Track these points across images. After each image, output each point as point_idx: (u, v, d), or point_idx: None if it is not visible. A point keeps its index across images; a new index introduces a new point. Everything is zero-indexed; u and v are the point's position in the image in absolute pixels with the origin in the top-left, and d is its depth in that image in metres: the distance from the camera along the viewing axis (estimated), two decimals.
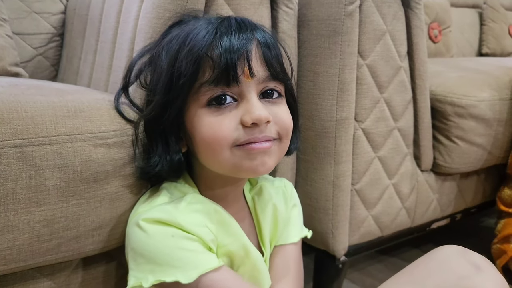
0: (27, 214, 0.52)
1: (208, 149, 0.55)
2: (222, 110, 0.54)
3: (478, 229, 1.41)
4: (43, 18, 1.15)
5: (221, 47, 0.53)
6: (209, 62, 0.54)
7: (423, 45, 0.92)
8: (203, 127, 0.55)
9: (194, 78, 0.54)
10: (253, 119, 0.53)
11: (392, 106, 0.89)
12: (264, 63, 0.56)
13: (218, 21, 0.56)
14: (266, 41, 0.56)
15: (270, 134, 0.56)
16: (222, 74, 0.53)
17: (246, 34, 0.55)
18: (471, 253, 0.60)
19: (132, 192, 0.60)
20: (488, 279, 0.57)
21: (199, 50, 0.53)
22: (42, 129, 0.52)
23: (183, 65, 0.54)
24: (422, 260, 0.62)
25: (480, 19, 2.01)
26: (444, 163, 1.01)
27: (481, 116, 1.00)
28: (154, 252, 0.52)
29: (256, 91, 0.56)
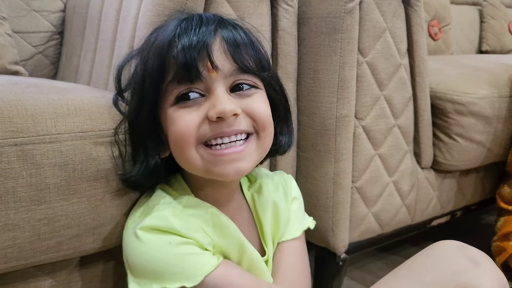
0: (27, 213, 0.52)
1: (176, 147, 0.54)
2: (189, 106, 0.53)
3: (478, 227, 1.41)
4: (42, 16, 1.15)
5: (180, 45, 0.52)
6: (171, 61, 0.53)
7: (423, 42, 0.92)
8: (171, 124, 0.53)
9: (161, 78, 0.53)
10: (218, 112, 0.51)
11: (392, 103, 0.89)
12: (229, 57, 0.54)
13: (183, 17, 0.55)
14: (233, 36, 0.54)
15: (240, 127, 0.53)
16: (184, 71, 0.52)
17: (207, 28, 0.53)
18: (469, 248, 0.60)
19: (132, 191, 0.60)
20: (485, 274, 0.56)
21: (162, 50, 0.53)
22: (42, 127, 0.52)
23: (150, 66, 0.54)
24: (420, 255, 0.62)
25: (480, 16, 2.00)
26: (444, 160, 1.01)
27: (481, 113, 1.00)
28: (155, 262, 0.52)
29: (225, 86, 0.54)
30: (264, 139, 0.56)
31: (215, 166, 0.53)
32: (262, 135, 0.55)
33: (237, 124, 0.53)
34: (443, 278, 0.57)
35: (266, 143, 0.57)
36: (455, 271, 0.57)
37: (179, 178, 0.61)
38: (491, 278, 0.56)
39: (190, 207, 0.56)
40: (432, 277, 0.58)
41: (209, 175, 0.54)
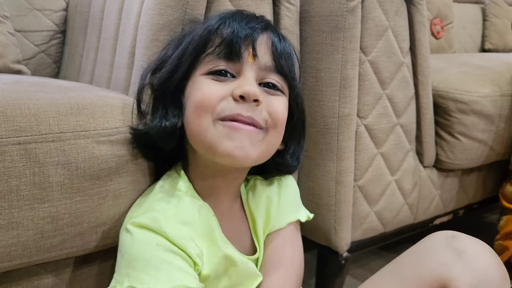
0: (31, 211, 0.52)
1: (194, 112, 0.55)
2: (219, 80, 0.56)
3: (480, 225, 1.41)
4: (44, 15, 1.15)
5: (231, 26, 0.57)
6: (218, 36, 0.57)
7: (426, 41, 0.92)
8: (196, 89, 0.56)
9: (202, 48, 0.57)
10: (242, 91, 0.54)
11: (394, 102, 0.89)
12: (270, 54, 0.58)
13: (235, 10, 0.61)
14: (278, 39, 0.59)
15: (257, 118, 0.55)
16: (227, 47, 0.56)
17: (259, 24, 0.58)
18: (460, 238, 0.57)
19: (135, 189, 0.60)
20: (468, 266, 0.54)
21: (211, 26, 0.57)
22: (45, 126, 0.53)
23: (196, 37, 0.58)
24: (411, 248, 0.61)
25: (482, 14, 2.00)
26: (446, 159, 1.01)
27: (484, 112, 0.99)
28: (134, 257, 0.52)
29: (256, 75, 0.57)
30: (272, 136, 0.57)
31: (225, 139, 0.54)
32: (271, 132, 0.57)
33: (255, 113, 0.55)
34: (422, 272, 0.56)
35: (272, 142, 0.58)
36: (437, 264, 0.56)
37: (178, 167, 0.61)
38: (472, 272, 0.53)
39: (183, 213, 0.56)
40: (412, 271, 0.57)
41: (214, 150, 0.54)
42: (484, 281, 0.53)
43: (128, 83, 0.73)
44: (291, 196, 0.69)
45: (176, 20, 0.65)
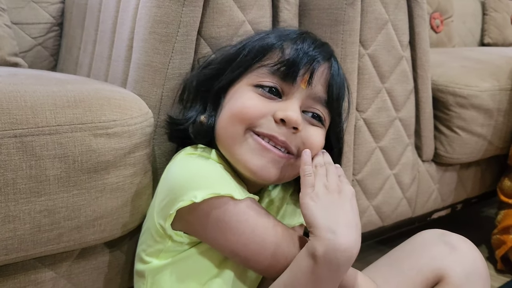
0: (27, 204, 0.52)
1: (228, 120, 0.56)
2: (264, 95, 0.56)
3: (478, 220, 1.41)
4: (41, 8, 1.14)
5: (297, 45, 0.57)
6: (278, 53, 0.57)
7: (425, 34, 0.91)
8: (238, 99, 0.57)
9: (260, 58, 0.58)
10: (284, 115, 0.54)
11: (393, 96, 0.89)
12: (325, 85, 0.58)
13: (304, 30, 0.61)
14: (338, 72, 0.60)
15: (291, 144, 0.56)
16: (286, 66, 0.56)
17: (323, 54, 0.58)
18: (449, 235, 0.63)
19: (133, 182, 0.60)
20: (460, 259, 0.60)
21: (276, 40, 0.58)
22: (42, 119, 0.52)
23: (255, 46, 0.58)
24: (403, 243, 0.65)
25: (482, 8, 1.99)
26: (445, 153, 1.01)
27: (483, 106, 0.99)
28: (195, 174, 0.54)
29: (302, 102, 0.57)
30: (299, 163, 0.57)
31: (251, 155, 0.55)
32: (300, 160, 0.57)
33: (289, 139, 0.55)
34: (419, 263, 0.60)
35: (298, 168, 0.57)
36: (432, 256, 0.60)
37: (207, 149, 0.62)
38: (464, 262, 0.60)
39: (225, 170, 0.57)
40: (410, 263, 0.61)
41: (238, 161, 0.56)
42: (473, 272, 0.59)
43: (126, 76, 0.72)
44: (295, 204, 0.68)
45: (174, 12, 0.64)
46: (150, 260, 0.58)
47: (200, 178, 0.54)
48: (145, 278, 0.59)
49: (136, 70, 0.68)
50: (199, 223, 0.54)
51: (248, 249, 0.53)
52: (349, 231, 0.50)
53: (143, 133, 0.60)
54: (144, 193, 0.62)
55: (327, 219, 0.51)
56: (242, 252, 0.54)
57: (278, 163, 0.55)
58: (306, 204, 0.53)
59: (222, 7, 0.67)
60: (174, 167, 0.57)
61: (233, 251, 0.54)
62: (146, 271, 0.58)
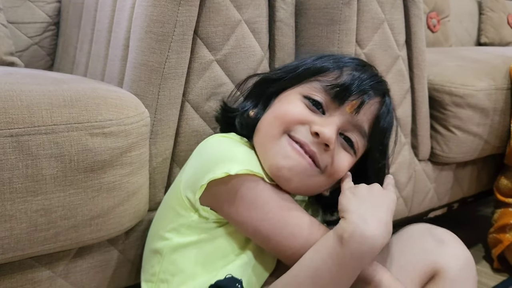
0: (24, 204, 0.52)
1: (270, 121, 0.60)
2: (309, 108, 0.60)
3: (475, 218, 1.41)
4: (38, 7, 1.13)
5: (356, 73, 0.60)
6: (336, 73, 0.60)
7: (422, 34, 0.91)
8: (285, 103, 0.61)
9: (316, 73, 0.61)
10: (320, 130, 0.56)
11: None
12: (370, 118, 0.60)
13: (366, 63, 0.66)
14: (388, 109, 0.62)
15: (319, 158, 0.57)
16: (339, 87, 0.58)
17: (379, 88, 0.61)
18: (437, 229, 0.65)
19: (129, 182, 0.60)
20: (450, 252, 0.61)
21: (339, 61, 0.62)
22: (38, 118, 0.52)
23: (316, 64, 0.63)
24: (390, 241, 0.65)
25: (479, 8, 2.00)
26: (441, 152, 1.01)
27: (479, 105, 0.99)
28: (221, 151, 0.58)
29: (342, 124, 0.59)
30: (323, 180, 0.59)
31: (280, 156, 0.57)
32: (325, 177, 0.59)
33: (319, 152, 0.57)
34: (414, 259, 0.62)
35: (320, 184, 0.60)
36: (424, 251, 0.62)
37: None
38: (456, 256, 0.61)
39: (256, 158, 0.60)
40: (405, 259, 0.62)
41: (266, 159, 0.58)
42: (465, 264, 0.61)
43: (122, 76, 0.72)
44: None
45: (171, 12, 0.64)
46: (170, 236, 0.59)
47: (234, 154, 0.57)
48: (161, 255, 0.59)
49: (132, 70, 0.68)
50: (227, 197, 0.56)
51: (271, 227, 0.56)
52: (379, 224, 0.52)
53: (139, 132, 0.60)
54: (140, 192, 0.63)
55: (361, 209, 0.53)
56: (265, 230, 0.56)
57: (302, 170, 0.57)
58: (345, 194, 0.56)
59: (218, 7, 0.67)
60: (209, 144, 0.61)
61: (256, 228, 0.56)
62: (164, 249, 0.59)
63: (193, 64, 0.67)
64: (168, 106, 0.66)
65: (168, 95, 0.66)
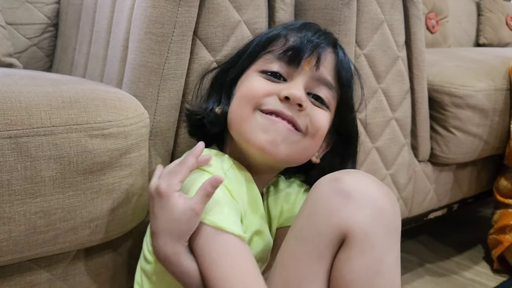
0: (23, 206, 0.52)
1: (237, 102, 0.59)
2: (270, 80, 0.59)
3: (474, 219, 1.41)
4: (36, 8, 1.13)
5: (302, 32, 0.60)
6: (284, 40, 0.61)
7: (421, 34, 0.91)
8: (246, 82, 0.60)
9: (265, 46, 0.61)
10: (288, 93, 0.56)
11: (389, 96, 0.89)
12: (330, 69, 0.60)
13: (308, 21, 0.64)
14: (343, 57, 0.62)
15: (298, 120, 0.57)
16: (289, 51, 0.59)
17: (327, 39, 0.61)
18: (341, 180, 0.53)
19: (128, 183, 0.59)
20: (356, 206, 0.51)
21: (281, 30, 0.62)
22: (37, 120, 0.52)
23: (262, 38, 0.63)
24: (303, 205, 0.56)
25: (477, 9, 2.00)
26: (441, 153, 1.01)
27: (478, 106, 1.00)
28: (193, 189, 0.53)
29: (306, 83, 0.59)
30: (308, 143, 0.59)
31: (260, 132, 0.56)
32: (309, 138, 0.59)
33: (296, 115, 0.57)
34: (319, 226, 0.52)
35: (307, 148, 0.59)
36: (328, 213, 0.51)
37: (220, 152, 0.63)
38: (364, 207, 0.51)
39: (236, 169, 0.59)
40: (310, 228, 0.53)
41: (248, 139, 0.57)
42: (376, 213, 0.51)
43: (121, 77, 0.72)
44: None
45: (170, 12, 0.64)
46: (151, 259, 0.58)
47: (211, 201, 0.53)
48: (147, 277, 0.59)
49: (131, 71, 0.67)
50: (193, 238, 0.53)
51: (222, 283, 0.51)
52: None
53: (138, 133, 0.60)
54: (139, 194, 0.62)
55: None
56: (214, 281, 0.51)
57: (286, 137, 0.57)
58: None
59: (217, 7, 0.67)
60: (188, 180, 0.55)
61: (207, 277, 0.52)
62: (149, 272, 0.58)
63: (192, 65, 0.67)
64: (168, 107, 0.66)
65: (167, 96, 0.65)
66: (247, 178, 0.60)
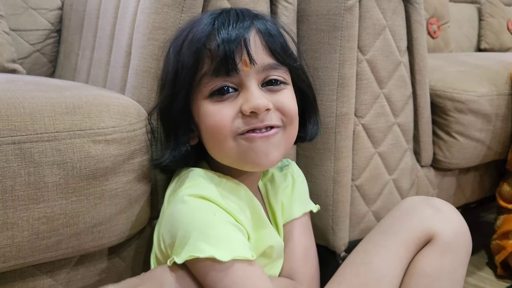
0: (26, 211, 0.52)
1: (213, 138, 0.57)
2: (223, 100, 0.56)
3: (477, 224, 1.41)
4: (40, 14, 1.14)
5: (219, 38, 0.54)
6: (207, 53, 0.55)
7: (423, 40, 0.92)
8: (206, 117, 0.56)
9: (195, 70, 0.56)
10: (252, 107, 0.54)
11: (392, 101, 0.89)
12: (264, 50, 0.57)
13: (218, 12, 0.58)
14: (267, 29, 0.57)
15: (272, 122, 0.57)
16: (221, 64, 0.54)
17: (244, 23, 0.56)
18: (433, 199, 0.68)
19: (132, 189, 0.60)
20: (446, 219, 0.64)
21: (198, 43, 0.55)
22: (40, 125, 0.52)
23: (185, 58, 0.56)
24: (391, 211, 0.70)
25: (478, 14, 2.00)
26: (444, 158, 1.01)
27: (481, 111, 0.99)
28: (192, 227, 0.52)
29: (257, 80, 0.57)
30: (290, 131, 0.59)
31: (249, 152, 0.56)
32: (289, 128, 0.59)
33: (268, 118, 0.56)
34: (409, 225, 0.64)
35: (292, 135, 0.60)
36: (420, 218, 0.64)
37: (203, 164, 0.62)
38: (451, 221, 0.65)
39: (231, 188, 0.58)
40: (400, 226, 0.65)
41: (241, 163, 0.57)
42: (459, 231, 0.64)
43: (125, 82, 0.72)
44: (303, 188, 0.73)
45: (173, 18, 0.64)
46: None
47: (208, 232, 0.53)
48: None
49: (134, 76, 0.68)
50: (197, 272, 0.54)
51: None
52: None
53: (141, 139, 0.60)
54: (143, 199, 0.62)
55: None
56: None
57: (272, 143, 0.57)
58: None
59: None
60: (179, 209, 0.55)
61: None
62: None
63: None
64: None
65: None
66: (243, 190, 0.60)
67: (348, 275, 0.65)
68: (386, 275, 0.62)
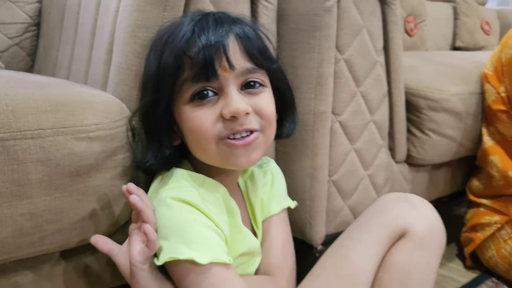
0: (9, 208, 0.52)
1: (195, 141, 0.59)
2: (203, 104, 0.57)
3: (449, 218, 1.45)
4: (18, 7, 1.12)
5: (199, 44, 0.55)
6: (188, 60, 0.56)
7: (399, 39, 0.94)
8: (188, 121, 0.58)
9: (176, 76, 0.56)
10: (231, 112, 0.56)
11: (368, 99, 0.91)
12: (243, 55, 0.58)
13: (197, 18, 0.58)
14: (245, 33, 0.58)
15: (251, 126, 0.58)
16: (201, 70, 0.55)
17: (223, 28, 0.57)
18: (409, 195, 0.71)
19: (114, 185, 0.60)
20: (421, 215, 0.66)
21: (178, 50, 0.56)
22: (24, 123, 0.52)
23: (166, 64, 0.57)
24: (369, 208, 0.72)
25: (454, 13, 2.05)
26: (417, 154, 1.04)
27: (453, 109, 1.03)
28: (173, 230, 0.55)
29: (236, 84, 0.58)
30: (269, 134, 0.61)
31: (230, 156, 0.58)
32: (267, 131, 0.60)
33: (247, 122, 0.57)
34: (384, 221, 0.67)
35: (270, 136, 0.62)
36: (396, 214, 0.67)
37: (186, 163, 0.64)
38: (426, 218, 0.67)
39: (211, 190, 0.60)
40: (376, 221, 0.67)
41: (224, 164, 0.59)
42: (433, 227, 0.66)
43: (106, 79, 0.73)
44: (281, 185, 0.75)
45: (156, 17, 0.65)
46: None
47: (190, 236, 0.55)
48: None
49: (116, 74, 0.68)
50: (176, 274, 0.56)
51: None
52: None
53: (124, 136, 0.61)
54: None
55: None
56: None
57: (252, 146, 0.58)
58: None
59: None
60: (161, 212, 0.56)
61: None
62: None
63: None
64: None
65: None
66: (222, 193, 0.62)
67: (326, 268, 0.68)
68: (362, 269, 0.65)
